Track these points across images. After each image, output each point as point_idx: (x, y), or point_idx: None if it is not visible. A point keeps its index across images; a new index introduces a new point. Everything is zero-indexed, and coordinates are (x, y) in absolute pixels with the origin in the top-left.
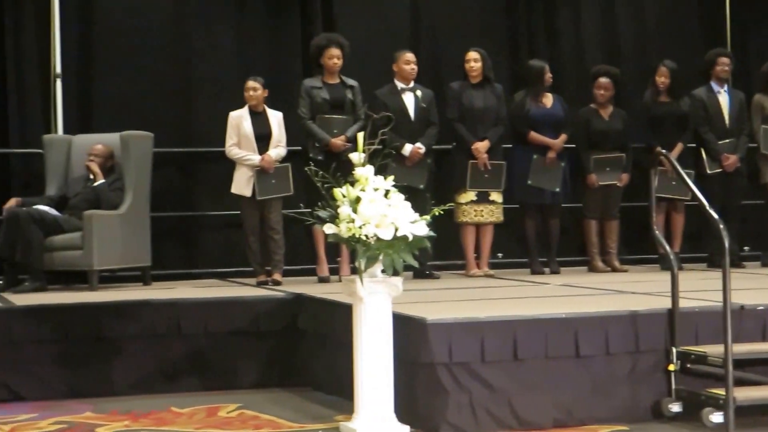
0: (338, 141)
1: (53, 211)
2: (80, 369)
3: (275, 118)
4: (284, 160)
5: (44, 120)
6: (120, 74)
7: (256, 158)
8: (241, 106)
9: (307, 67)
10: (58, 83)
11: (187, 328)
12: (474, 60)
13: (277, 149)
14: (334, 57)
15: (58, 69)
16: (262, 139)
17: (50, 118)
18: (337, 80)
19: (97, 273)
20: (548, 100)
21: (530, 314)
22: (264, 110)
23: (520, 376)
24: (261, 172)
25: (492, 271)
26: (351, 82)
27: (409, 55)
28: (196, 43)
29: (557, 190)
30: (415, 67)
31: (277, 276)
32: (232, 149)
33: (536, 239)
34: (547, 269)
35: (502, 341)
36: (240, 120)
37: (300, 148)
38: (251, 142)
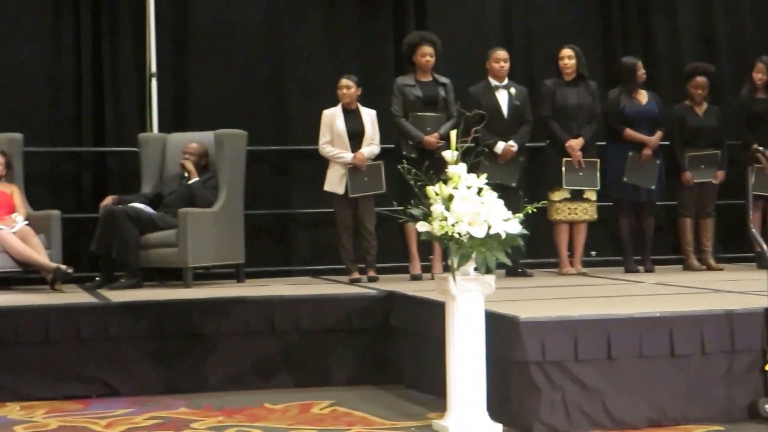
0: (431, 138)
1: (148, 209)
2: (175, 365)
3: (368, 116)
4: (377, 157)
5: (140, 119)
6: (214, 73)
7: (348, 156)
8: (334, 104)
9: (399, 65)
10: (154, 82)
11: (280, 325)
12: (568, 57)
13: (370, 147)
14: (426, 54)
15: (154, 68)
16: (355, 136)
17: (145, 116)
18: (429, 78)
19: (191, 270)
20: (643, 97)
21: (624, 313)
22: (357, 108)
23: (613, 376)
24: (353, 170)
25: (585, 270)
26: (443, 79)
27: (499, 53)
28: (289, 41)
29: (652, 187)
30: (504, 65)
31: (371, 273)
32: (325, 147)
33: (630, 237)
34: (641, 268)
35: (595, 340)
36: (333, 118)
37: (393, 145)
38: (344, 140)
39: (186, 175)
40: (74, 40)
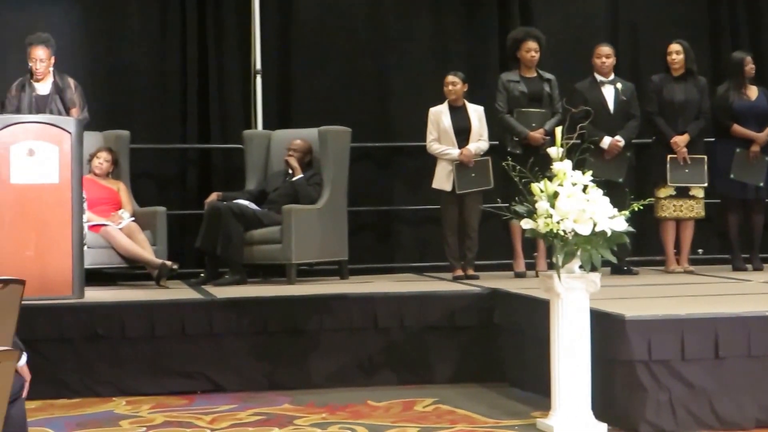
0: (536, 135)
1: (253, 206)
2: (278, 361)
3: (476, 112)
4: (485, 153)
5: (244, 116)
6: (318, 70)
7: (455, 152)
8: (438, 100)
9: (503, 61)
10: (258, 79)
11: (384, 322)
12: (676, 52)
13: (478, 143)
14: (531, 50)
15: (258, 65)
16: (462, 133)
17: (250, 113)
18: (534, 74)
19: (295, 267)
20: (752, 92)
21: (732, 312)
22: (464, 105)
23: (721, 375)
24: (460, 166)
25: (692, 268)
26: (548, 75)
27: (602, 49)
28: (393, 37)
29: (761, 185)
30: (606, 60)
31: (469, 271)
32: (432, 144)
33: (738, 235)
34: (749, 266)
35: (702, 339)
36: (439, 115)
37: (497, 142)
38: (450, 137)
39: (290, 171)
40: (180, 38)
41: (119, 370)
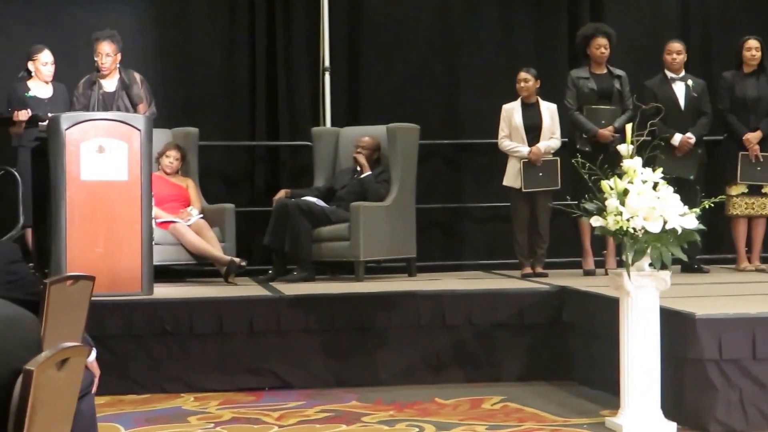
0: (606, 132)
1: (321, 203)
2: (346, 358)
3: (548, 110)
4: (555, 153)
5: (313, 113)
6: (387, 66)
7: (524, 150)
8: (507, 97)
9: (573, 57)
10: (327, 76)
11: (452, 319)
12: (756, 48)
13: (549, 141)
14: (601, 46)
15: (327, 62)
16: (532, 130)
17: (319, 110)
18: (604, 70)
19: (363, 264)
20: None
21: None
22: (537, 102)
23: None
24: (528, 165)
25: (764, 266)
26: (618, 71)
27: (673, 45)
28: (462, 33)
29: None
30: (676, 57)
31: (538, 269)
32: (503, 141)
33: None
34: None
35: None
36: (511, 112)
37: (566, 139)
38: (521, 134)
39: (358, 169)
40: (249, 36)
41: (187, 366)
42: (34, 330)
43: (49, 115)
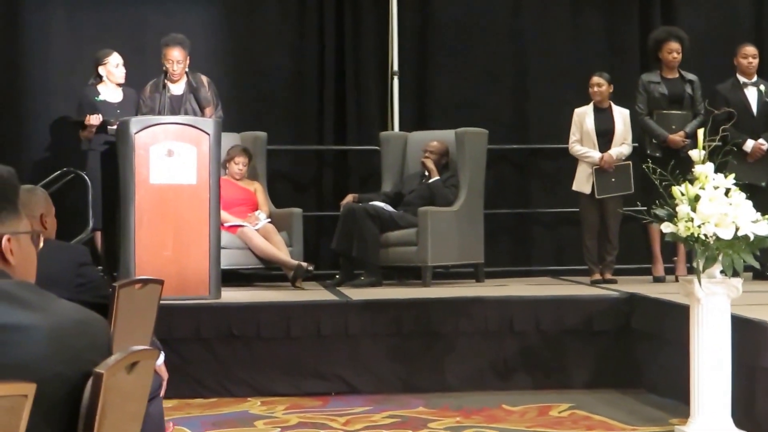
0: (677, 137)
1: (389, 208)
2: (413, 364)
3: (621, 115)
4: (627, 157)
5: (381, 117)
6: (455, 71)
7: (596, 156)
8: (577, 101)
9: (645, 61)
10: (395, 81)
11: (520, 325)
12: None
13: (620, 147)
14: (673, 51)
15: (396, 66)
16: (604, 135)
17: (387, 115)
18: (675, 75)
19: (430, 269)
20: None
21: None
22: (609, 106)
23: None
24: (600, 170)
25: None
26: (690, 76)
27: (747, 49)
28: (532, 37)
29: None
30: (752, 61)
31: (607, 275)
32: (574, 146)
33: None
34: None
35: None
36: (583, 116)
37: (637, 144)
38: (592, 139)
39: (426, 173)
40: (318, 40)
41: (255, 370)
42: (104, 333)
43: (119, 119)
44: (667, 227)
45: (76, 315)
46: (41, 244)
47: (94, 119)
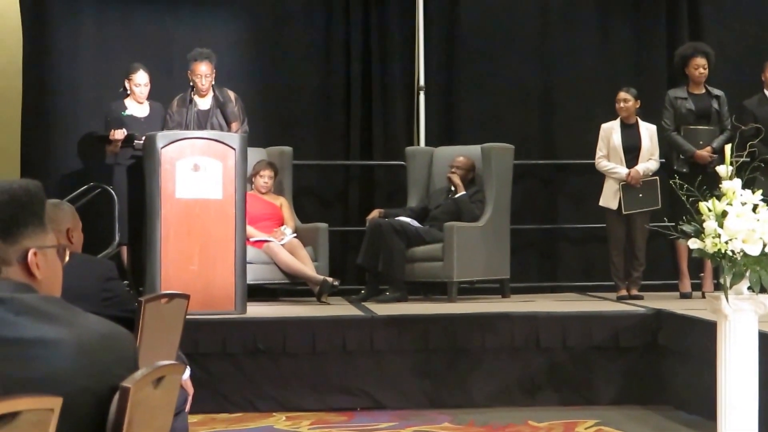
0: (704, 153)
1: (415, 223)
2: (439, 379)
3: (647, 131)
4: (654, 173)
5: (407, 132)
6: (482, 86)
7: (623, 172)
8: (603, 117)
9: (672, 77)
10: (421, 96)
11: (546, 341)
12: None
13: (647, 163)
14: (699, 67)
15: (422, 82)
16: (631, 151)
17: (413, 130)
18: (702, 90)
19: (456, 284)
20: None
21: None
22: (636, 122)
23: None
24: (627, 186)
25: None
26: (717, 92)
27: None
28: (559, 52)
29: None
30: None
31: (634, 291)
32: (600, 161)
33: None
34: None
35: None
36: (610, 132)
37: (664, 160)
38: (619, 155)
39: (453, 188)
40: (344, 54)
41: (280, 385)
42: (130, 347)
43: (145, 134)
44: (694, 243)
45: (103, 329)
46: (67, 258)
47: (119, 134)
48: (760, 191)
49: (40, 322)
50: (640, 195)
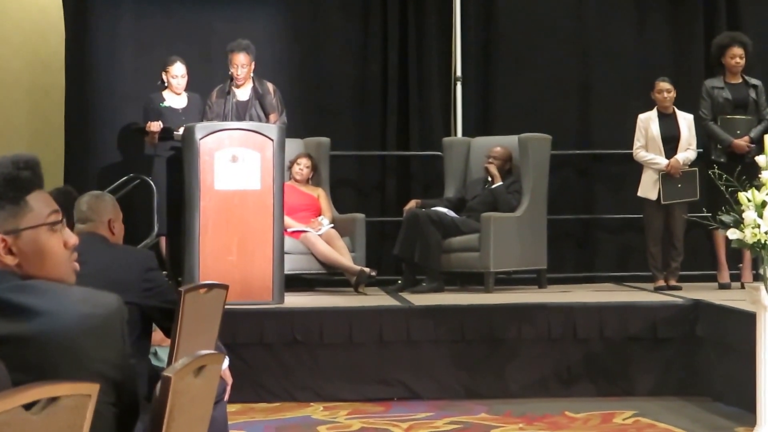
0: (742, 142)
1: (451, 213)
2: (476, 370)
3: (685, 121)
4: (692, 164)
5: (444, 123)
6: (519, 76)
7: (662, 162)
8: (640, 107)
9: (708, 66)
10: (458, 86)
11: (583, 332)
12: None
13: (686, 153)
14: (736, 56)
15: (459, 72)
16: (669, 141)
17: (450, 120)
18: (739, 80)
19: (493, 275)
20: None
21: None
22: (673, 112)
23: None
24: (667, 176)
25: None
26: (754, 81)
27: None
28: (596, 43)
29: None
30: None
31: (672, 282)
32: (639, 152)
33: None
34: None
35: None
36: (648, 122)
37: (701, 150)
38: (658, 145)
39: (489, 179)
40: (381, 45)
41: (317, 375)
42: (114, 323)
43: (183, 126)
44: (733, 233)
45: (84, 308)
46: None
47: (155, 126)
48: None
49: (8, 319)
50: (679, 185)
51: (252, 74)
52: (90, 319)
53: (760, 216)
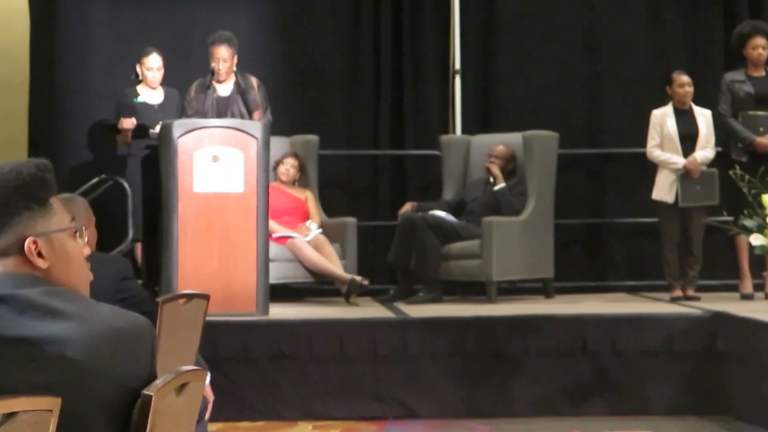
0: (764, 140)
1: (450, 217)
2: (478, 386)
3: (703, 117)
4: (711, 165)
5: (442, 120)
6: (522, 69)
7: (680, 161)
8: (654, 102)
9: (729, 59)
10: (457, 80)
11: (594, 345)
12: None
13: (704, 151)
14: (759, 47)
15: (458, 65)
16: (688, 139)
17: (448, 117)
18: (762, 73)
19: (495, 284)
20: None
21: None
22: (691, 108)
23: None
24: (685, 177)
25: None
26: None
27: None
28: (606, 33)
29: None
30: None
31: (690, 292)
32: (654, 151)
33: None
34: None
35: None
36: (663, 118)
37: (720, 148)
38: (674, 143)
39: (491, 180)
40: (373, 36)
41: (306, 392)
42: (148, 341)
43: (160, 123)
44: (756, 239)
45: (115, 322)
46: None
47: (128, 123)
48: None
49: (45, 320)
50: (698, 187)
51: (234, 68)
52: (123, 333)
53: None
